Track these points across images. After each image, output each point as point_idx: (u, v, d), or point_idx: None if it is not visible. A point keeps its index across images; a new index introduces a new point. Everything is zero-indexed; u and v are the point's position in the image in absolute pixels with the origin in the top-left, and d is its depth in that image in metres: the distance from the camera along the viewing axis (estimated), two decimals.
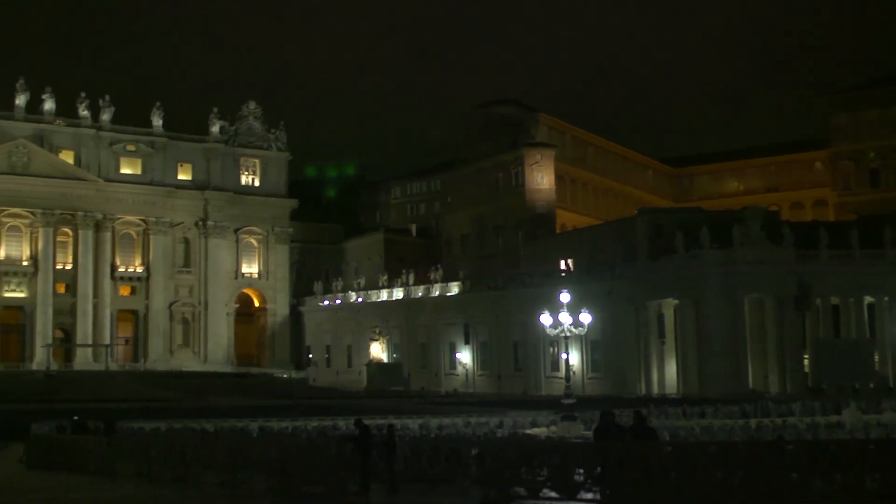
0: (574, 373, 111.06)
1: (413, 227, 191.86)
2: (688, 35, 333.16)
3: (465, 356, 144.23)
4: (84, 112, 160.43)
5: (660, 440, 36.83)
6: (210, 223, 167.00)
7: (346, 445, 38.15)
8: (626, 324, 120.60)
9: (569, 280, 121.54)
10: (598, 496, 30.78)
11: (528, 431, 64.18)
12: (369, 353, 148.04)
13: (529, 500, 32.52)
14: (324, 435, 61.70)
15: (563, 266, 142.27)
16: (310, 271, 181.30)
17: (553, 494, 32.11)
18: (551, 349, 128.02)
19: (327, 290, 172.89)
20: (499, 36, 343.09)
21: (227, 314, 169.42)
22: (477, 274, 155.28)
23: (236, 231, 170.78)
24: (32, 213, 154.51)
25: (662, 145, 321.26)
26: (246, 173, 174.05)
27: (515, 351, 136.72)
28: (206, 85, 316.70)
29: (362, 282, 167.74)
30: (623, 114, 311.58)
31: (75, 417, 63.46)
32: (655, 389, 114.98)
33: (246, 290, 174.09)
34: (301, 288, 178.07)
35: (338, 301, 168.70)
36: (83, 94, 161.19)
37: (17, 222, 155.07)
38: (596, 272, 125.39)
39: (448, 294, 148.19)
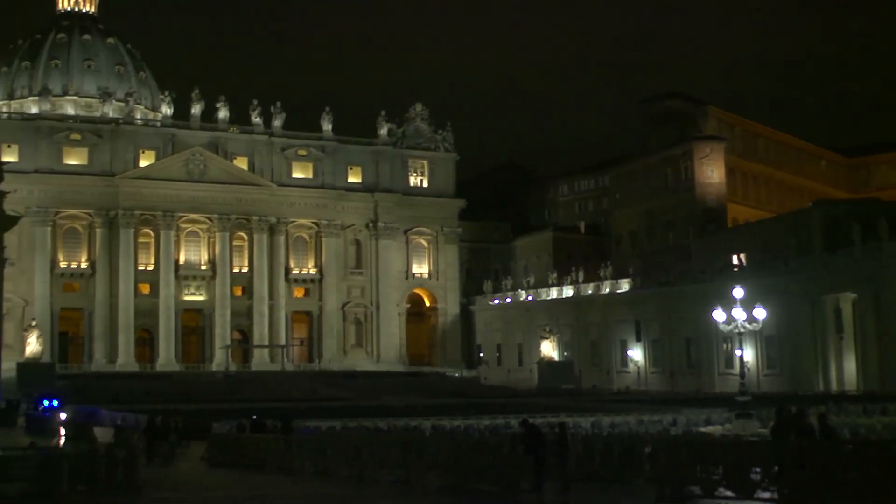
0: (748, 369, 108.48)
1: (581, 225, 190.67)
2: (854, 20, 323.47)
3: (636, 353, 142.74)
4: (256, 119, 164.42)
5: (840, 438, 35.82)
6: (380, 225, 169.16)
7: (518, 444, 38.09)
8: (801, 319, 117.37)
9: (741, 275, 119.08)
10: (775, 496, 30.00)
11: (703, 429, 63.28)
12: (540, 352, 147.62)
13: (705, 499, 31.93)
14: (496, 433, 61.86)
15: (735, 261, 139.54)
16: (479, 270, 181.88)
17: (729, 493, 31.46)
18: (725, 345, 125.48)
19: (497, 289, 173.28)
20: (663, 30, 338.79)
21: (399, 314, 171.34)
22: (647, 270, 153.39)
23: (406, 232, 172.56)
24: (209, 219, 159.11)
25: (836, 135, 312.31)
26: (414, 174, 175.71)
27: (688, 348, 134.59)
28: (374, 88, 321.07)
29: (531, 280, 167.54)
30: (794, 104, 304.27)
31: (254, 416, 64.89)
32: (834, 386, 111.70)
33: (416, 291, 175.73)
34: (471, 287, 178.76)
35: (508, 300, 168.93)
36: (255, 102, 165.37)
37: (195, 228, 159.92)
38: (769, 267, 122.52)
39: (618, 291, 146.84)
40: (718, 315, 67.38)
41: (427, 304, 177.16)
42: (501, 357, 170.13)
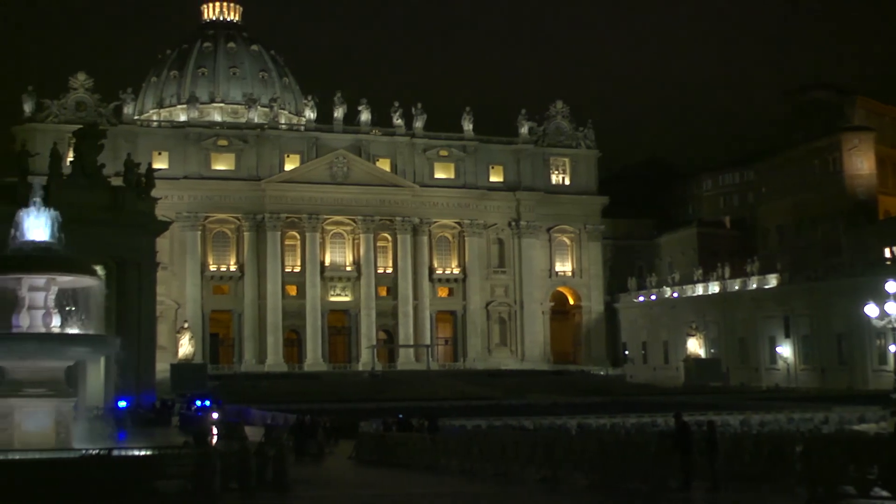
0: None
1: (727, 220, 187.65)
2: None
3: (785, 350, 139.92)
4: (398, 121, 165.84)
5: None
6: (522, 223, 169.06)
7: (666, 442, 37.71)
8: None
9: (895, 269, 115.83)
10: None
11: (856, 427, 61.74)
12: (686, 349, 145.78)
13: (859, 499, 31.17)
14: (643, 432, 61.32)
15: (887, 254, 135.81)
16: (622, 267, 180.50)
17: (884, 493, 30.66)
18: (878, 341, 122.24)
19: (641, 286, 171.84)
20: (807, 19, 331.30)
21: (542, 313, 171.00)
22: (795, 265, 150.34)
23: (548, 230, 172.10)
24: (353, 221, 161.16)
25: None
26: (556, 172, 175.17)
27: (839, 344, 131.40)
28: (514, 87, 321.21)
29: (676, 276, 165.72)
30: None
31: (400, 416, 65.39)
32: None
33: (560, 289, 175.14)
34: (614, 284, 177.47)
35: (653, 297, 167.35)
36: (396, 104, 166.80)
37: (339, 230, 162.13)
38: None
39: (766, 287, 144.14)
40: (871, 310, 65.56)
41: (571, 302, 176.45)
42: (647, 355, 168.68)
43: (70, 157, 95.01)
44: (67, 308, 43.34)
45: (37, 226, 42.90)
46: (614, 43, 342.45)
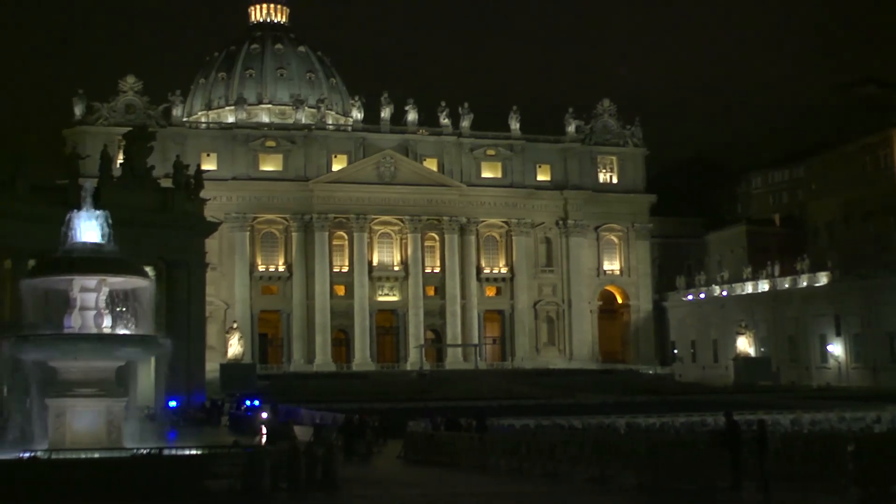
0: None
1: (776, 217, 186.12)
2: None
3: (836, 348, 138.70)
4: (445, 120, 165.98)
5: None
6: (570, 222, 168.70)
7: (716, 441, 37.52)
8: None
9: None
10: None
11: None
12: (736, 348, 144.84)
13: None
14: (692, 431, 60.98)
15: None
16: (671, 266, 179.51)
17: None
18: None
19: (690, 285, 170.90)
20: (856, 14, 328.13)
21: (591, 311, 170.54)
22: (846, 262, 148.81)
23: (596, 229, 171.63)
24: (401, 220, 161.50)
25: None
26: (603, 171, 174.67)
27: (891, 342, 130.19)
28: (561, 85, 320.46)
29: (725, 275, 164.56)
30: None
31: (448, 415, 65.46)
32: None
33: (608, 288, 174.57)
34: (663, 283, 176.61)
35: (702, 295, 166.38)
36: (443, 104, 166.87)
37: (387, 229, 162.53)
38: None
39: (816, 285, 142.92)
40: None
41: (619, 300, 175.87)
42: (696, 353, 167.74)
43: (120, 160, 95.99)
44: (118, 309, 43.79)
45: (88, 228, 43.39)
46: (661, 40, 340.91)
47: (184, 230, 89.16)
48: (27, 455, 37.53)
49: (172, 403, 74.07)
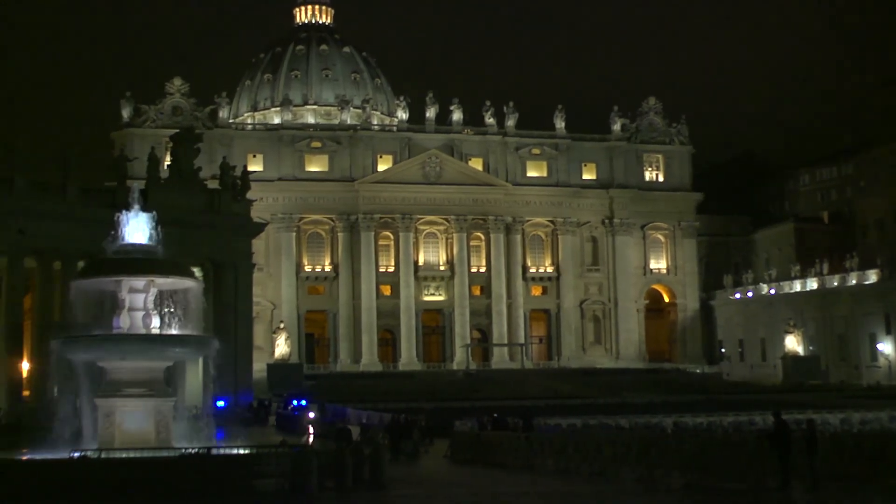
0: None
1: (825, 215, 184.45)
2: None
3: (886, 347, 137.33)
4: (490, 120, 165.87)
5: None
6: (616, 221, 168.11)
7: (764, 441, 37.25)
8: None
9: None
10: None
11: None
12: (784, 346, 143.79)
13: None
14: (740, 430, 60.61)
15: None
16: (718, 264, 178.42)
17: None
18: None
19: (737, 283, 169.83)
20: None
21: (637, 310, 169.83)
22: (895, 260, 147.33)
23: (642, 227, 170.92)
24: (446, 220, 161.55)
25: None
26: (649, 169, 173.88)
27: None
28: (606, 84, 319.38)
29: (773, 273, 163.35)
30: None
31: (495, 415, 65.42)
32: None
33: (654, 286, 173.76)
34: (710, 281, 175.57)
35: (749, 294, 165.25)
36: (488, 103, 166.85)
37: (432, 229, 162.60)
38: None
39: (865, 283, 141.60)
40: None
41: (666, 299, 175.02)
42: (744, 352, 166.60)
43: (167, 161, 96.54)
44: (166, 309, 44.12)
45: (136, 229, 43.76)
46: (706, 37, 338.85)
47: (231, 231, 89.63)
48: (77, 455, 37.93)
49: (220, 403, 74.41)
